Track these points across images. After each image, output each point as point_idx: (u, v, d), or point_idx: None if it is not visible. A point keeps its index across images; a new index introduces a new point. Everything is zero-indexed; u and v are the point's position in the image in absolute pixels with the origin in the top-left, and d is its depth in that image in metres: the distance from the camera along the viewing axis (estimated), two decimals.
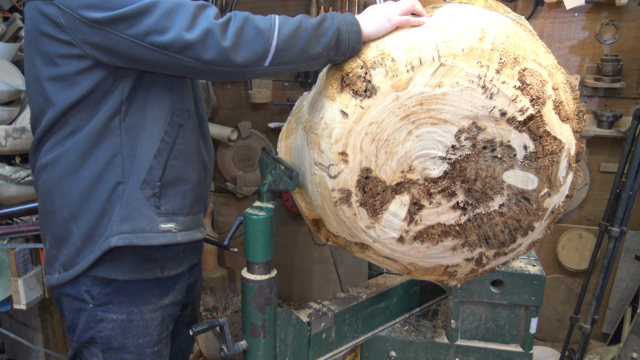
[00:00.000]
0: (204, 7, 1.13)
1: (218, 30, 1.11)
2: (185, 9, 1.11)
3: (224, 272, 3.27)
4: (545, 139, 1.17)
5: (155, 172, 1.27)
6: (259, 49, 1.15)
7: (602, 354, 2.56)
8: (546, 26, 2.59)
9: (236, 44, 1.13)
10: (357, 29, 1.22)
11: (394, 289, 1.83)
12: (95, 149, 1.24)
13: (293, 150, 1.43)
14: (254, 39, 1.15)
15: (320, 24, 1.21)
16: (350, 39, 1.22)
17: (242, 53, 1.14)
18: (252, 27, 1.15)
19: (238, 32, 1.13)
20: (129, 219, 1.26)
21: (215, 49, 1.12)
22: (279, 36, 1.17)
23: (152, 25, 1.10)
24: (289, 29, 1.18)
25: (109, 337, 1.35)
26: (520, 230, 1.28)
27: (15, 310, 2.09)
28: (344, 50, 1.22)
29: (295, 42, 1.18)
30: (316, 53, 1.21)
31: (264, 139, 3.07)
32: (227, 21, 1.13)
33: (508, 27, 1.22)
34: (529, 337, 1.70)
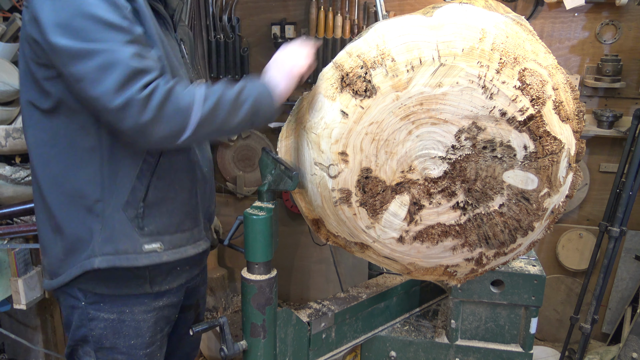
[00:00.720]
0: (137, 75, 1.10)
1: (139, 104, 1.09)
2: (120, 71, 1.08)
3: (224, 272, 3.27)
4: (545, 139, 1.17)
5: (139, 193, 1.26)
6: (177, 126, 1.14)
7: (602, 354, 2.56)
8: (546, 26, 2.59)
9: (154, 119, 1.11)
10: (270, 100, 1.27)
11: (394, 289, 1.83)
12: (77, 165, 1.24)
13: (293, 150, 1.43)
14: (173, 116, 1.13)
15: (237, 98, 1.21)
16: (270, 102, 1.27)
17: (159, 129, 1.13)
18: (173, 103, 1.13)
19: (158, 108, 1.11)
20: (112, 241, 1.26)
21: (133, 121, 1.10)
22: (199, 112, 1.16)
23: (85, 74, 1.09)
24: (209, 106, 1.17)
25: (101, 336, 1.35)
26: (520, 230, 1.28)
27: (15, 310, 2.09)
28: (260, 121, 1.27)
29: (215, 117, 1.18)
30: (231, 127, 1.23)
31: (264, 139, 3.07)
32: (149, 94, 1.10)
33: (508, 27, 1.22)
34: (529, 337, 1.70)
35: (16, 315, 2.26)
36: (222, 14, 2.85)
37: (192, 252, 1.39)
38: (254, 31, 2.91)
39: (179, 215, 1.35)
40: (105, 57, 1.08)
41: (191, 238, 1.40)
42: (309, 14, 2.75)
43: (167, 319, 1.44)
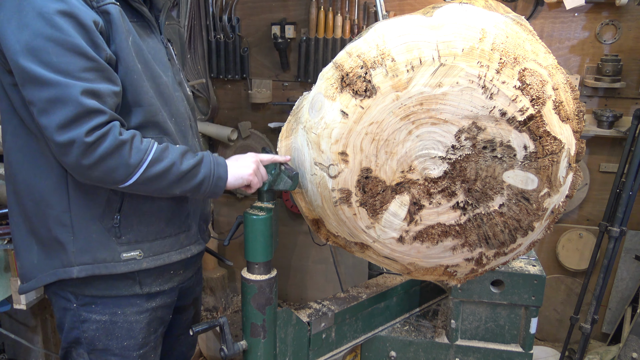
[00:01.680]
0: (86, 116, 1.08)
1: (82, 147, 1.08)
2: (69, 108, 1.07)
3: (224, 272, 3.27)
4: (545, 139, 1.17)
5: (114, 204, 1.26)
6: (116, 178, 1.15)
7: (602, 354, 2.56)
8: (546, 26, 2.59)
9: (95, 166, 1.11)
10: (222, 184, 1.28)
11: (394, 289, 1.83)
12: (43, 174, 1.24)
13: (293, 150, 1.43)
14: (115, 169, 1.13)
15: (189, 171, 1.22)
16: (211, 191, 1.27)
17: (97, 175, 1.13)
18: (119, 158, 1.12)
19: (101, 158, 1.11)
20: (89, 250, 1.27)
21: (73, 160, 1.10)
22: (143, 174, 1.16)
23: (36, 101, 1.08)
24: (157, 171, 1.17)
25: (93, 338, 1.35)
26: (520, 230, 1.28)
27: (15, 310, 2.09)
28: (200, 196, 1.30)
29: (157, 182, 1.19)
30: (172, 193, 1.24)
31: (264, 139, 3.07)
32: (96, 141, 1.09)
33: (508, 27, 1.22)
34: (529, 337, 1.70)
35: (16, 315, 2.26)
36: (222, 14, 2.85)
37: (176, 258, 1.38)
38: (254, 31, 2.91)
39: (158, 222, 1.34)
40: (57, 91, 1.07)
41: (176, 244, 1.39)
42: (309, 14, 2.75)
43: (160, 320, 1.44)
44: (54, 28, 1.06)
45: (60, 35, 1.07)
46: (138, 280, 1.34)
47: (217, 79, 3.03)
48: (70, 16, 1.08)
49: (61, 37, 1.07)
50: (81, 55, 1.08)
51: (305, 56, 2.82)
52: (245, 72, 2.96)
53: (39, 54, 1.06)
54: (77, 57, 1.08)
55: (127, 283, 1.33)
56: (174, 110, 1.33)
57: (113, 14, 1.16)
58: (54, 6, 1.07)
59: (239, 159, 1.34)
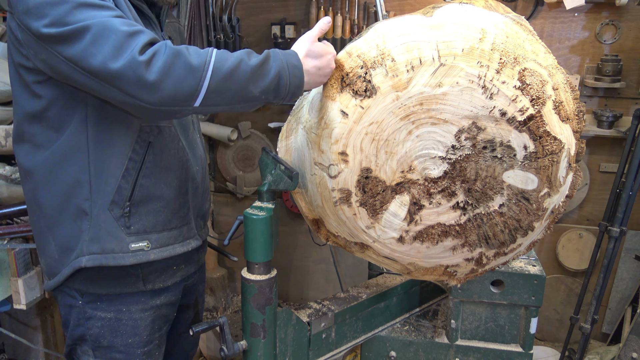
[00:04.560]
0: (133, 36, 1.05)
1: (142, 64, 1.03)
2: (114, 36, 1.04)
3: (224, 272, 3.27)
4: (545, 139, 1.17)
5: (124, 192, 1.27)
6: (188, 88, 1.06)
7: (602, 354, 2.56)
8: (546, 26, 2.59)
9: (161, 80, 1.04)
10: (300, 74, 1.16)
11: (394, 289, 1.83)
12: (64, 166, 1.24)
13: (293, 150, 1.43)
14: (184, 76, 1.05)
15: (261, 66, 1.12)
16: (292, 84, 1.16)
17: (167, 90, 1.05)
18: (183, 63, 1.06)
19: (165, 68, 1.04)
20: (98, 240, 1.27)
21: (139, 83, 1.04)
22: (213, 76, 1.07)
23: (82, 50, 1.05)
24: (226, 69, 1.08)
25: (98, 335, 1.35)
26: (520, 230, 1.28)
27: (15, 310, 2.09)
28: (283, 95, 1.17)
29: (230, 84, 1.09)
30: (252, 96, 1.13)
31: (264, 139, 3.07)
32: (154, 54, 1.05)
33: (508, 27, 1.22)
34: (529, 337, 1.70)
35: (16, 315, 2.26)
36: (222, 14, 2.85)
37: (180, 250, 1.40)
38: (254, 31, 2.91)
39: (166, 213, 1.35)
40: (95, 30, 1.04)
41: (180, 236, 1.40)
42: (309, 14, 2.75)
43: (165, 318, 1.45)
44: None
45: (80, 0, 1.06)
46: (142, 277, 1.35)
47: None
48: None
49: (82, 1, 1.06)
50: (104, 7, 1.08)
51: None
52: None
53: (66, 18, 1.05)
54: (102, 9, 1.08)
55: (130, 280, 1.34)
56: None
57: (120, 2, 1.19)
58: None
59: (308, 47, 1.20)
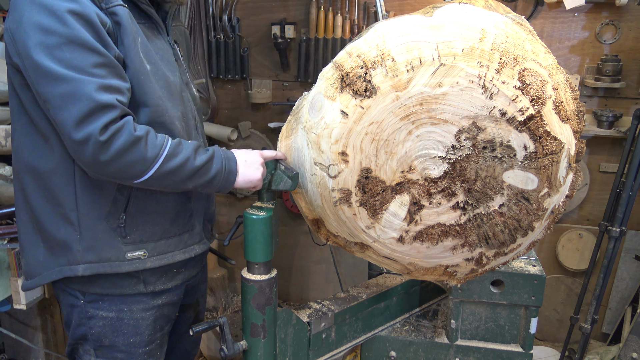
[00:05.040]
0: (100, 111, 1.09)
1: (100, 145, 1.09)
2: (83, 103, 1.08)
3: (224, 272, 3.27)
4: (545, 139, 1.17)
5: (120, 204, 1.27)
6: (133, 173, 1.16)
7: (602, 354, 2.56)
8: (546, 26, 2.59)
9: (112, 161, 1.13)
10: (233, 179, 1.30)
11: (394, 289, 1.83)
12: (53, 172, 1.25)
13: (293, 150, 1.43)
14: (133, 164, 1.15)
15: (202, 167, 1.24)
16: (222, 186, 1.30)
17: (113, 170, 1.14)
18: (137, 152, 1.14)
19: (119, 153, 1.12)
20: (94, 249, 1.28)
21: (90, 157, 1.11)
22: (158, 169, 1.18)
23: (51, 97, 1.10)
24: (171, 166, 1.19)
25: (99, 334, 1.35)
26: (520, 230, 1.28)
27: (15, 310, 2.09)
28: (211, 190, 1.32)
29: (171, 177, 1.21)
30: (185, 188, 1.26)
31: (264, 139, 3.07)
32: (114, 134, 1.10)
33: (508, 27, 1.22)
34: (529, 337, 1.70)
35: (16, 315, 2.26)
36: (222, 14, 2.85)
37: (180, 257, 1.39)
38: (254, 31, 2.91)
39: (163, 222, 1.35)
40: (71, 87, 1.08)
41: (180, 243, 1.40)
42: (309, 14, 2.75)
43: (166, 318, 1.44)
44: (65, 26, 1.08)
45: (72, 32, 1.09)
46: (142, 279, 1.35)
47: (217, 79, 3.03)
48: (80, 15, 1.10)
49: (72, 34, 1.09)
50: (93, 51, 1.11)
51: (305, 56, 2.82)
52: (245, 72, 2.96)
53: (53, 51, 1.08)
54: (89, 53, 1.10)
55: (131, 282, 1.34)
56: (180, 111, 1.34)
57: (121, 16, 1.18)
58: (65, 5, 1.09)
59: (247, 158, 1.35)
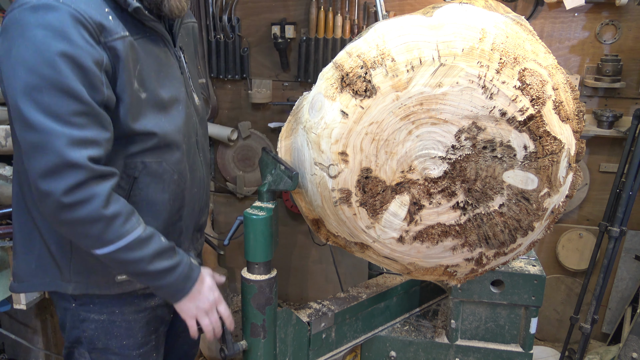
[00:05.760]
0: (66, 169, 1.04)
1: (58, 204, 1.05)
2: (48, 158, 1.03)
3: (224, 272, 3.27)
4: (545, 139, 1.17)
5: None
6: (84, 243, 1.14)
7: (602, 354, 2.56)
8: (546, 26, 2.59)
9: (66, 225, 1.10)
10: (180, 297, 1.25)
11: (394, 289, 1.83)
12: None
13: (293, 150, 1.43)
14: (85, 237, 1.11)
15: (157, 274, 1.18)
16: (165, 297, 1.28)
17: (66, 231, 1.13)
18: (98, 231, 1.09)
19: (76, 222, 1.08)
20: (84, 272, 1.28)
21: (48, 212, 1.08)
22: (108, 254, 1.13)
23: (21, 140, 1.06)
24: (122, 258, 1.14)
25: (93, 337, 1.35)
26: (520, 230, 1.28)
27: (15, 310, 2.09)
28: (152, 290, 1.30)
29: (120, 266, 1.18)
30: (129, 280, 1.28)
31: (264, 139, 3.07)
32: (80, 203, 1.06)
33: (508, 27, 1.22)
34: (529, 337, 1.70)
35: (16, 315, 2.26)
36: (222, 14, 2.85)
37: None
38: (254, 31, 2.91)
39: None
40: (42, 138, 1.03)
41: None
42: (309, 14, 2.75)
43: (160, 319, 1.44)
44: (52, 69, 1.02)
45: (57, 77, 1.03)
46: (133, 283, 1.34)
47: (217, 79, 3.03)
48: (71, 58, 1.04)
49: (57, 79, 1.03)
50: (75, 98, 1.05)
51: (305, 56, 2.82)
52: (245, 72, 2.96)
53: (33, 93, 1.02)
54: (71, 100, 1.04)
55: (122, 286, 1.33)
56: (181, 132, 1.31)
57: (120, 50, 1.12)
58: (57, 46, 1.02)
59: (201, 291, 1.28)
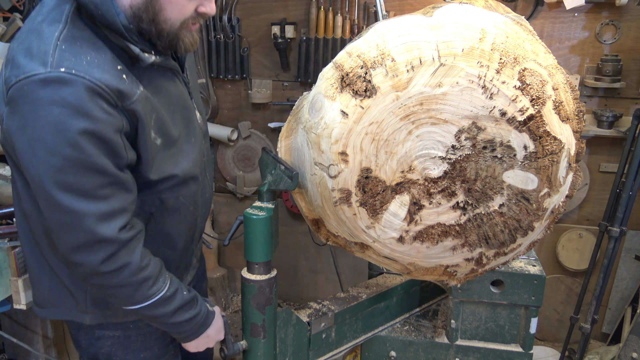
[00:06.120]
0: (97, 244, 1.06)
1: (94, 272, 1.09)
2: (79, 235, 1.04)
3: (224, 272, 3.27)
4: (545, 139, 1.17)
5: None
6: (112, 302, 1.21)
7: (602, 354, 2.56)
8: (546, 26, 2.59)
9: (99, 288, 1.16)
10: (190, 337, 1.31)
11: (394, 289, 1.83)
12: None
13: (293, 150, 1.43)
14: (115, 297, 1.17)
15: (174, 324, 1.24)
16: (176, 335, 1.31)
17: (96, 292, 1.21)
18: (124, 293, 1.15)
19: (109, 286, 1.13)
20: (102, 303, 1.29)
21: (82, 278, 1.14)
22: (135, 311, 1.19)
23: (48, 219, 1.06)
24: (148, 314, 1.20)
25: (110, 353, 1.35)
26: (520, 230, 1.28)
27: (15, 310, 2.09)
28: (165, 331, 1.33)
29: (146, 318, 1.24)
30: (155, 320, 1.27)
31: (264, 139, 3.07)
32: (112, 272, 1.09)
33: (508, 27, 1.22)
34: (529, 337, 1.70)
35: (16, 315, 2.26)
36: (222, 14, 2.85)
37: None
38: (254, 31, 2.91)
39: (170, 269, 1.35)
40: (69, 218, 1.03)
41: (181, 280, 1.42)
42: (309, 14, 2.75)
43: None
44: (74, 148, 0.98)
45: (81, 156, 1.00)
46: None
47: (217, 79, 3.03)
48: (93, 134, 1.00)
49: (81, 158, 1.00)
50: (100, 172, 1.03)
51: (305, 56, 2.82)
52: (245, 72, 2.96)
53: (56, 174, 1.00)
54: (96, 175, 1.03)
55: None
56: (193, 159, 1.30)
57: (138, 112, 1.08)
58: (77, 125, 0.98)
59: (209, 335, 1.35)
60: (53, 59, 0.98)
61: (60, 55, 0.98)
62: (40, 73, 0.97)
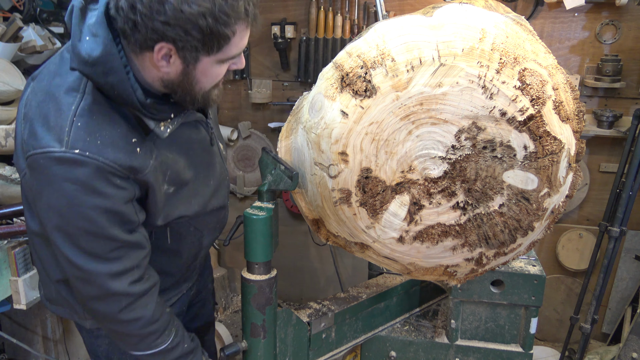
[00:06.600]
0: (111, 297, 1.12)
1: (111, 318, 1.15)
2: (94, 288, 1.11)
3: (224, 272, 3.27)
4: (545, 139, 1.17)
5: None
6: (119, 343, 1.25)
7: (602, 354, 2.56)
8: (546, 26, 2.59)
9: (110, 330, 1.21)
10: None
11: (394, 289, 1.83)
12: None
13: (293, 150, 1.43)
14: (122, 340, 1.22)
15: None
16: None
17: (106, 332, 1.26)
18: (131, 341, 1.21)
19: (121, 332, 1.19)
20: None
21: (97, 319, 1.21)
22: (138, 357, 1.25)
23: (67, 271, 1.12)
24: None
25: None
26: (520, 230, 1.28)
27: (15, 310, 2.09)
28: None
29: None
30: None
31: (264, 139, 3.07)
32: (129, 322, 1.15)
33: (508, 27, 1.22)
34: (529, 337, 1.70)
35: (16, 315, 2.26)
36: None
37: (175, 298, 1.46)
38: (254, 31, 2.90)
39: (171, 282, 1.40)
40: (84, 274, 1.10)
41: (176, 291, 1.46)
42: (309, 14, 2.75)
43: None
44: (86, 221, 1.04)
45: (92, 228, 1.05)
46: None
47: None
48: (104, 209, 1.05)
49: (93, 229, 1.06)
50: (112, 239, 1.08)
51: (305, 56, 2.81)
52: (245, 72, 2.96)
53: (69, 238, 1.06)
54: (107, 241, 1.08)
55: None
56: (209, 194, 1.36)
57: (150, 181, 1.12)
58: (89, 201, 1.03)
59: None
60: (69, 137, 1.01)
61: (75, 135, 1.01)
62: (56, 151, 1.00)
